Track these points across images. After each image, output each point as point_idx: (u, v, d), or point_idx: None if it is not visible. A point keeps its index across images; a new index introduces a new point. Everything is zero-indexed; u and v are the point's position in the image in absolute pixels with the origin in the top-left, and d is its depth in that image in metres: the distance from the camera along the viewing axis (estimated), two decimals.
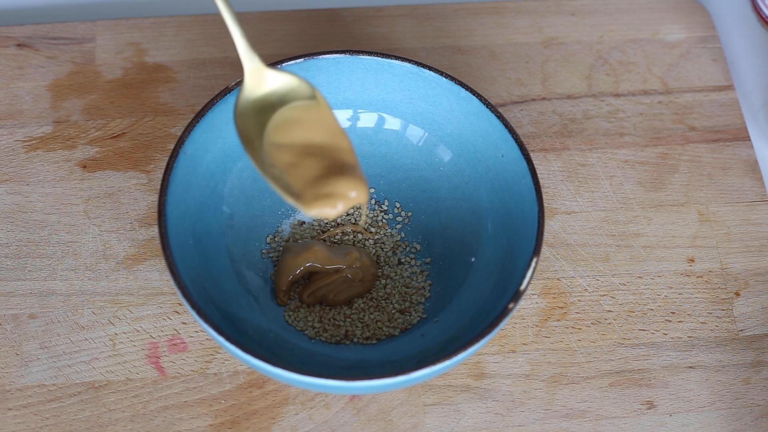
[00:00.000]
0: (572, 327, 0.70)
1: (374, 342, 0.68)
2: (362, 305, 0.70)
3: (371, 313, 0.70)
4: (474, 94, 0.69)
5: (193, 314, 0.60)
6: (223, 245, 0.69)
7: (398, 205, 0.73)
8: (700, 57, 0.83)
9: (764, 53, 0.84)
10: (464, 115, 0.70)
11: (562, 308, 0.71)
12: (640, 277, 0.73)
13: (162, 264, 0.71)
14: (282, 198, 0.60)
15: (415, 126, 0.72)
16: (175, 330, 0.69)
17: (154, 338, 0.69)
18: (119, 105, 0.78)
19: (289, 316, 0.69)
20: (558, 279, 0.72)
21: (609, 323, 0.71)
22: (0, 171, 0.74)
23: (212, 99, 0.67)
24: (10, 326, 0.69)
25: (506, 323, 0.70)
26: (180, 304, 0.70)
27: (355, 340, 0.68)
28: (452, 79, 0.69)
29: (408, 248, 0.72)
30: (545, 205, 0.74)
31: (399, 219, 0.73)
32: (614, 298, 0.72)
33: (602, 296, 0.72)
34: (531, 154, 0.72)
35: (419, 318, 0.69)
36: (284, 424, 0.66)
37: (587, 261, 0.73)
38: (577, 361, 0.69)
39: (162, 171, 0.73)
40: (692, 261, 0.73)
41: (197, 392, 0.67)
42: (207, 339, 0.69)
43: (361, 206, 0.59)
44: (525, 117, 0.79)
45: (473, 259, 0.69)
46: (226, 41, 0.81)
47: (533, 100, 0.80)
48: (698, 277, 0.73)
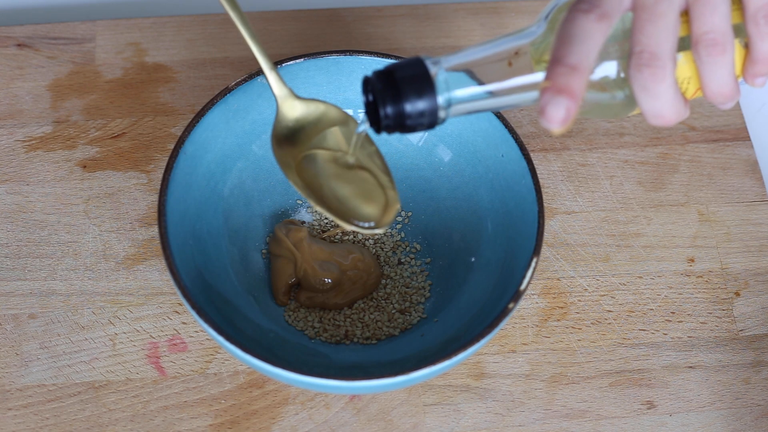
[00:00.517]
0: (572, 327, 0.70)
1: (374, 342, 0.68)
2: (362, 305, 0.70)
3: (371, 313, 0.70)
4: None
5: (193, 314, 0.60)
6: (223, 245, 0.69)
7: None
8: None
9: None
10: (464, 116, 0.70)
11: (562, 308, 0.71)
12: (640, 277, 0.73)
13: (162, 264, 0.71)
14: (323, 213, 0.64)
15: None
16: (175, 330, 0.69)
17: (154, 338, 0.69)
18: (119, 105, 0.78)
19: (289, 316, 0.69)
20: (558, 279, 0.72)
21: (609, 323, 0.71)
22: (0, 171, 0.74)
23: (212, 99, 0.67)
24: (10, 326, 0.69)
25: (506, 323, 0.70)
26: (180, 304, 0.70)
27: (355, 340, 0.68)
28: None
29: (408, 248, 0.72)
30: (545, 205, 0.74)
31: (399, 219, 0.73)
32: (614, 298, 0.72)
33: (602, 296, 0.72)
34: (531, 154, 0.72)
35: (419, 318, 0.69)
36: (284, 424, 0.66)
37: (587, 261, 0.73)
38: (577, 361, 0.69)
39: (162, 171, 0.73)
40: (692, 261, 0.73)
41: (197, 392, 0.67)
42: (207, 339, 0.69)
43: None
44: (525, 117, 0.79)
45: (473, 259, 0.69)
46: (226, 41, 0.81)
47: None
48: (698, 277, 0.73)
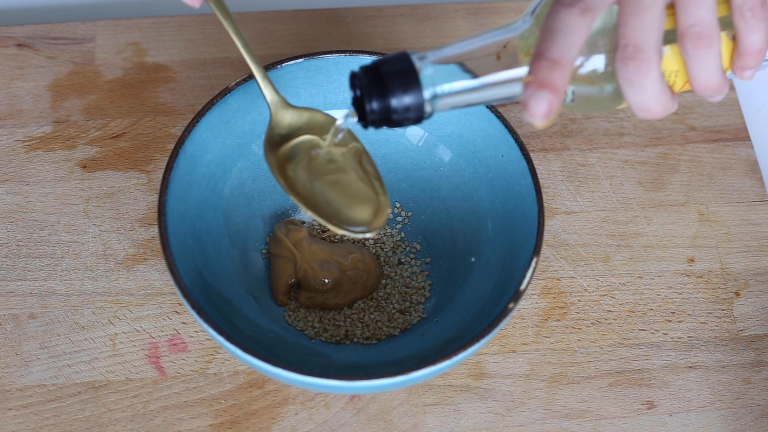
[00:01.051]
0: (572, 327, 0.70)
1: (374, 342, 0.68)
2: (362, 305, 0.70)
3: (371, 313, 0.69)
4: None
5: (193, 314, 0.60)
6: (223, 245, 0.69)
7: (398, 205, 0.73)
8: None
9: None
10: (464, 115, 0.70)
11: (562, 308, 0.71)
12: (640, 277, 0.73)
13: (162, 264, 0.71)
14: (314, 218, 0.63)
15: (415, 126, 0.72)
16: (175, 330, 0.69)
17: (154, 338, 0.69)
18: (119, 105, 0.78)
19: (289, 316, 0.69)
20: (558, 279, 0.72)
21: (609, 323, 0.71)
22: (0, 171, 0.74)
23: (212, 99, 0.67)
24: (10, 326, 0.69)
25: (506, 323, 0.70)
26: (180, 304, 0.70)
27: (355, 340, 0.68)
28: None
29: (408, 248, 0.72)
30: (545, 205, 0.74)
31: (399, 219, 0.73)
32: (614, 298, 0.72)
33: (602, 296, 0.72)
34: (531, 154, 0.72)
35: (419, 318, 0.69)
36: (284, 424, 0.66)
37: (587, 261, 0.73)
38: (577, 361, 0.69)
39: (162, 171, 0.73)
40: (692, 261, 0.73)
41: (197, 392, 0.67)
42: (207, 339, 0.69)
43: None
44: (525, 117, 0.79)
45: (473, 259, 0.69)
46: (226, 41, 0.81)
47: None
48: (698, 277, 0.73)
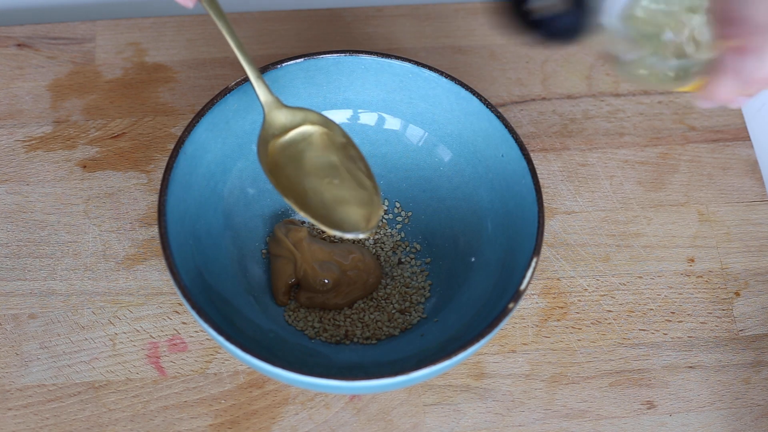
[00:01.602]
0: (572, 327, 0.70)
1: (374, 342, 0.68)
2: (362, 305, 0.70)
3: (371, 313, 0.69)
4: (474, 94, 0.69)
5: (193, 314, 0.60)
6: (223, 245, 0.69)
7: (398, 205, 0.73)
8: None
9: None
10: (464, 115, 0.70)
11: (562, 308, 0.71)
12: (640, 277, 0.73)
13: (162, 264, 0.71)
14: (307, 218, 0.64)
15: (415, 126, 0.72)
16: (175, 330, 0.69)
17: (154, 338, 0.69)
18: (119, 105, 0.78)
19: (289, 316, 0.69)
20: (558, 279, 0.72)
21: (609, 323, 0.71)
22: (0, 171, 0.74)
23: (212, 99, 0.67)
24: (10, 326, 0.69)
25: (506, 323, 0.70)
26: (180, 304, 0.70)
27: (355, 340, 0.68)
28: (452, 79, 0.69)
29: (408, 248, 0.72)
30: (545, 205, 0.74)
31: (399, 219, 0.73)
32: (614, 298, 0.72)
33: (602, 296, 0.72)
34: (531, 154, 0.72)
35: (419, 318, 0.69)
36: (284, 424, 0.66)
37: (587, 261, 0.73)
38: (577, 361, 0.69)
39: (162, 171, 0.73)
40: (692, 261, 0.73)
41: (197, 392, 0.67)
42: (207, 339, 0.69)
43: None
44: (525, 117, 0.79)
45: (473, 259, 0.69)
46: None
47: (533, 100, 0.80)
48: (698, 277, 0.73)
